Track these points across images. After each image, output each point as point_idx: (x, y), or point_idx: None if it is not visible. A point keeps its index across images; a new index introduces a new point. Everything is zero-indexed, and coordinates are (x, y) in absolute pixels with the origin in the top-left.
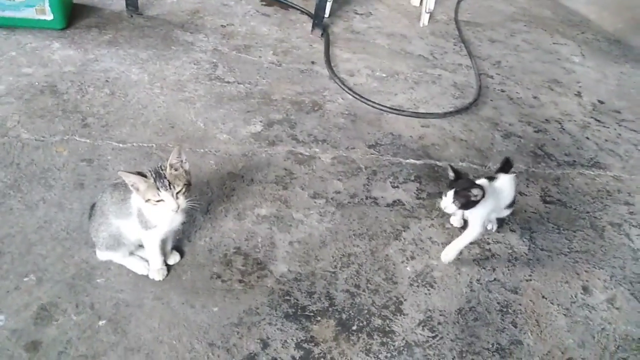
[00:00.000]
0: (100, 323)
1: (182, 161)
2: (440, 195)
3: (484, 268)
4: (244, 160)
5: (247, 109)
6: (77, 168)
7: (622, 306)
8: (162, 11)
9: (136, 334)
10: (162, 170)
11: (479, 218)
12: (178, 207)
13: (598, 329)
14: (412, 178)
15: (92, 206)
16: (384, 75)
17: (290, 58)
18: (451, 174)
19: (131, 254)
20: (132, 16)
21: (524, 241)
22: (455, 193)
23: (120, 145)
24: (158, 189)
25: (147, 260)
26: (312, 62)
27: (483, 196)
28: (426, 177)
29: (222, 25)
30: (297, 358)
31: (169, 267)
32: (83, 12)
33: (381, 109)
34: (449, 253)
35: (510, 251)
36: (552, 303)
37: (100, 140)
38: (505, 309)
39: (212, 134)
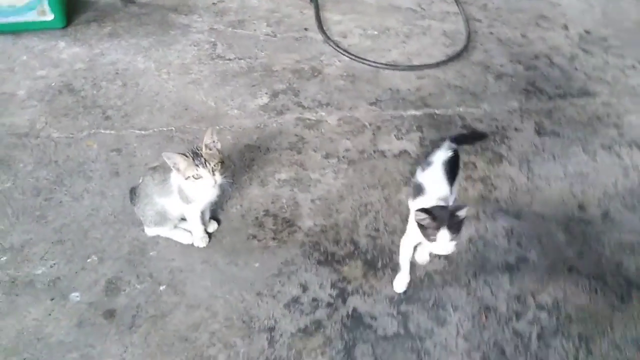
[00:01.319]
0: (161, 288)
1: (214, 141)
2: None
3: (488, 200)
4: (257, 131)
5: (251, 83)
6: (108, 158)
7: (616, 218)
8: None
9: (193, 293)
10: (198, 150)
11: None
12: (215, 182)
13: (595, 240)
14: (414, 128)
15: (132, 190)
16: (376, 32)
17: (283, 27)
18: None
19: (175, 227)
20: (126, 5)
21: (522, 172)
22: (449, 228)
23: (143, 132)
24: (197, 166)
25: (190, 231)
26: (305, 29)
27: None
28: (427, 126)
29: (213, 3)
30: (334, 295)
31: (209, 235)
32: (79, 7)
33: (377, 67)
34: (424, 254)
35: (510, 183)
36: (550, 223)
37: (123, 130)
38: (510, 233)
39: (223, 111)
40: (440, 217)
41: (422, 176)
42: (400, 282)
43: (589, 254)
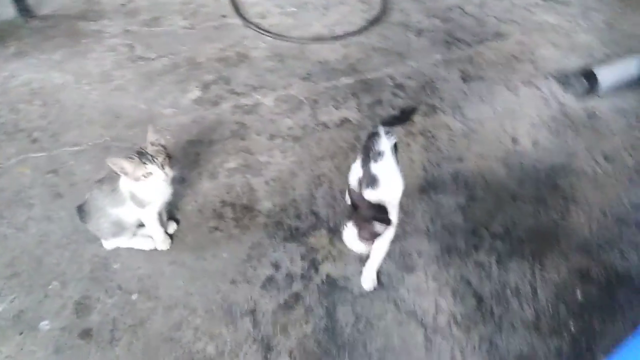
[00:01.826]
0: (134, 297)
1: (157, 138)
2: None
3: (431, 151)
4: (196, 126)
5: (179, 79)
6: (45, 181)
7: (546, 145)
8: (56, 7)
9: (168, 295)
10: (143, 149)
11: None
12: (167, 176)
13: (530, 167)
14: (350, 96)
15: (79, 208)
16: (294, 9)
17: (200, 18)
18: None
19: (134, 235)
20: (27, 21)
21: (456, 119)
22: (358, 227)
23: (76, 148)
24: (144, 164)
25: (150, 236)
26: (223, 16)
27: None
28: (361, 92)
29: (122, 5)
30: (306, 267)
31: (171, 236)
32: None
33: (302, 42)
34: (368, 278)
35: (448, 130)
36: (490, 160)
37: (55, 150)
38: (455, 176)
39: (157, 112)
40: (364, 217)
41: (375, 167)
42: (368, 281)
43: (527, 181)
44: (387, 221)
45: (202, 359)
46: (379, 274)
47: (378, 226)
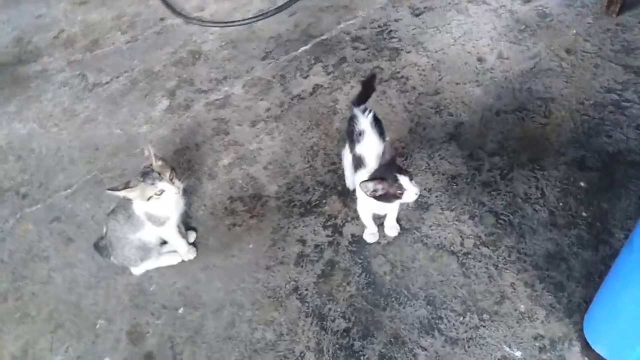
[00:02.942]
0: (180, 311)
1: (155, 154)
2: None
3: (407, 91)
4: (177, 134)
5: (143, 94)
6: (52, 231)
7: (510, 55)
8: None
9: (211, 299)
10: (148, 168)
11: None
12: (179, 189)
13: (502, 80)
14: (313, 61)
15: (96, 245)
16: None
17: (139, 28)
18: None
19: (159, 254)
20: None
21: (420, 54)
22: (405, 174)
23: (69, 191)
24: (153, 184)
25: (175, 251)
26: (162, 19)
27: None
28: (323, 54)
29: (54, 37)
30: (330, 234)
31: (194, 244)
32: None
33: (248, 23)
34: (392, 227)
35: (416, 68)
36: (464, 84)
37: (49, 199)
38: (437, 108)
39: (134, 133)
40: (388, 173)
41: (360, 148)
42: (371, 236)
43: (504, 94)
44: (389, 149)
45: (265, 347)
46: (398, 220)
47: (393, 151)
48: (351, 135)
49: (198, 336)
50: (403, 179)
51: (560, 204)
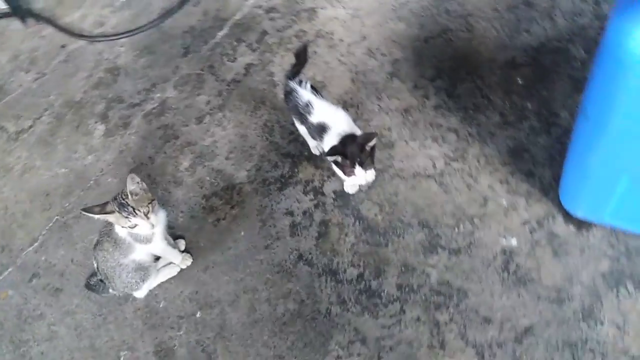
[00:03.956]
0: (198, 315)
1: (138, 183)
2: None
3: (336, 45)
4: (125, 154)
5: (74, 126)
6: (35, 288)
7: None
8: None
9: (223, 293)
10: (123, 199)
11: None
12: (153, 226)
13: (420, 9)
14: (236, 43)
15: (88, 285)
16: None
17: (43, 61)
18: None
19: (157, 270)
20: None
21: (336, 6)
22: (362, 164)
23: (36, 244)
24: (127, 217)
25: (171, 262)
26: (63, 46)
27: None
28: (243, 33)
29: None
30: (313, 197)
31: (187, 251)
32: None
33: (157, 24)
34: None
35: (337, 21)
36: (386, 23)
37: (18, 259)
38: (370, 53)
39: (81, 167)
40: (352, 154)
41: (315, 117)
42: (351, 187)
43: (426, 21)
44: (372, 135)
45: (291, 317)
46: None
47: (372, 142)
48: (296, 109)
49: (224, 331)
50: (358, 169)
51: (506, 103)
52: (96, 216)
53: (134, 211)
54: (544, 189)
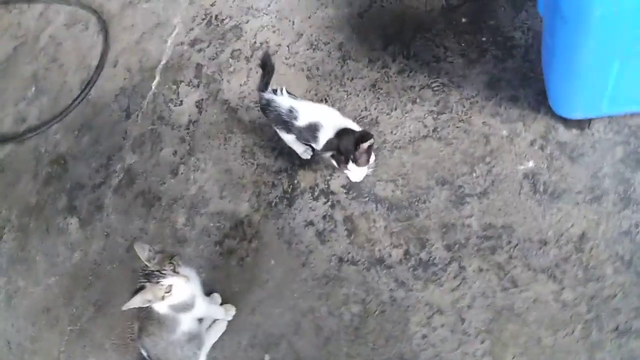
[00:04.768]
0: (267, 358)
1: (148, 249)
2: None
3: (276, 52)
4: (113, 236)
5: (43, 230)
6: None
7: None
8: None
9: (283, 326)
10: (144, 271)
11: None
12: (187, 279)
13: None
14: (174, 86)
15: None
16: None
17: None
18: None
19: (206, 330)
20: None
21: (256, 17)
22: (356, 162)
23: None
24: (158, 283)
25: (215, 320)
26: None
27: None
28: (177, 74)
29: None
30: (325, 200)
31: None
32: None
33: (81, 100)
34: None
35: (268, 29)
36: (315, 14)
37: None
38: (312, 47)
39: (70, 269)
40: (346, 151)
41: (303, 120)
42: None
43: None
44: (367, 136)
45: (360, 319)
46: None
47: (366, 144)
48: (279, 119)
49: (300, 337)
50: (351, 166)
51: (462, 44)
52: (137, 302)
53: (161, 273)
54: (534, 107)
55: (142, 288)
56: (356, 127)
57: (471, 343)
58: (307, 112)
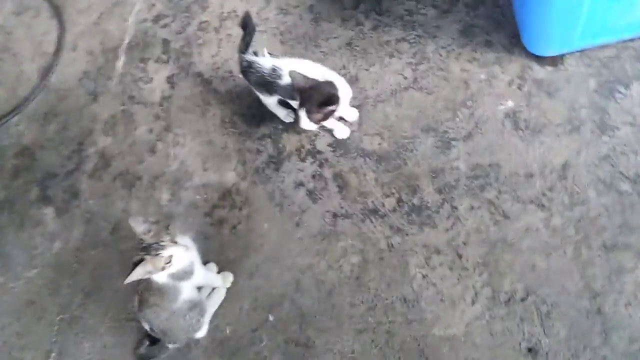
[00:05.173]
0: (271, 318)
1: (143, 221)
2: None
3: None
4: (95, 221)
5: (17, 225)
6: None
7: None
8: None
9: (283, 285)
10: (142, 244)
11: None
12: (186, 247)
13: None
14: (142, 64)
15: (140, 356)
16: None
17: None
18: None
19: (207, 297)
20: None
21: None
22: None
23: (53, 355)
24: (158, 254)
25: (214, 287)
26: None
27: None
28: (143, 51)
29: None
30: (312, 159)
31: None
32: None
33: (42, 89)
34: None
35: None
36: None
37: None
38: (282, 12)
39: (51, 259)
40: (303, 98)
41: (288, 78)
42: (342, 132)
43: None
44: (335, 99)
45: (360, 267)
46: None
47: (330, 109)
48: (262, 81)
49: (307, 316)
50: (302, 112)
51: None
52: (137, 274)
53: (160, 244)
54: (508, 49)
55: (141, 260)
56: (341, 81)
57: (470, 277)
58: (293, 67)
